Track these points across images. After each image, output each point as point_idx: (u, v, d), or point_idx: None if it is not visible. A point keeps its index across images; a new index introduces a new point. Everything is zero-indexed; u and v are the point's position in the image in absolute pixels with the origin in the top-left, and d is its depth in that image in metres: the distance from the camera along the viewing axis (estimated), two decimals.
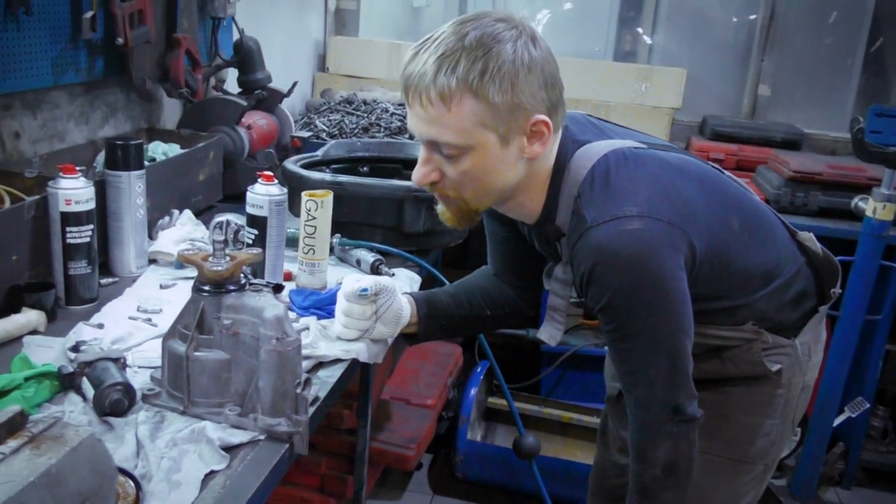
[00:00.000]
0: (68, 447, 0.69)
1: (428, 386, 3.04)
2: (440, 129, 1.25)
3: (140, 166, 1.77)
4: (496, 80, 1.21)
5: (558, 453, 3.09)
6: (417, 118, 1.27)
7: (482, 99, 1.22)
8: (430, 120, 1.25)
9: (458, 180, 1.31)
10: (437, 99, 1.22)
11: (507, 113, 1.24)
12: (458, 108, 1.22)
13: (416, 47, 1.27)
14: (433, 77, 1.21)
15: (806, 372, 1.56)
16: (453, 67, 1.20)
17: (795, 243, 1.55)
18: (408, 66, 1.26)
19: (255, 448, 1.19)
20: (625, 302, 1.27)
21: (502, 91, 1.21)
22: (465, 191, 1.32)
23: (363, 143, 2.49)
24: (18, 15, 1.79)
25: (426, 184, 1.34)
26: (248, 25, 2.73)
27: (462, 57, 1.21)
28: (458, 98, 1.22)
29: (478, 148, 1.26)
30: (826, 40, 3.99)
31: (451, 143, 1.26)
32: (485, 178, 1.30)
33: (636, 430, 1.39)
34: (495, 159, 1.28)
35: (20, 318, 1.46)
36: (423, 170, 1.32)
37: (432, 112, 1.24)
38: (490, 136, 1.25)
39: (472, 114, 1.23)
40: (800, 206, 3.08)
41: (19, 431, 0.70)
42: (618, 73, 3.71)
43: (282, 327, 1.17)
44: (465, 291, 1.70)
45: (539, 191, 1.36)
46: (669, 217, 1.26)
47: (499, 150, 1.27)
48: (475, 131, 1.24)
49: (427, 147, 1.30)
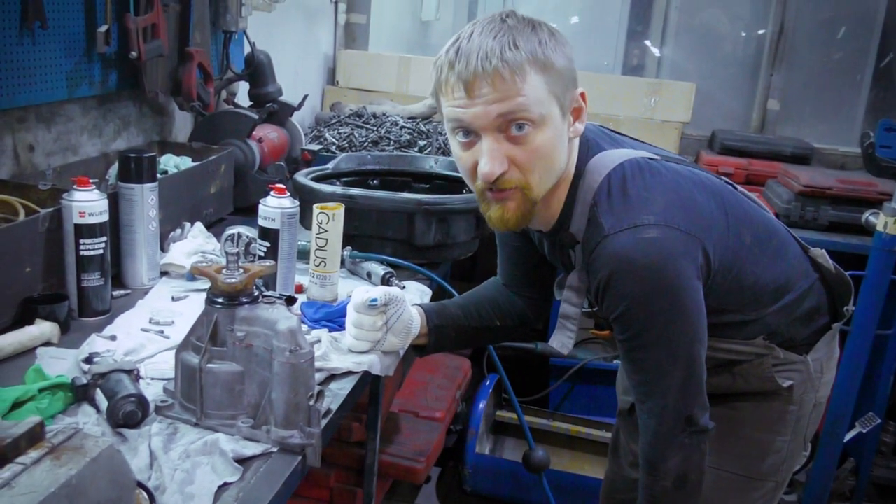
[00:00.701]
0: (88, 458, 0.70)
1: (437, 399, 3.03)
2: (518, 102, 1.23)
3: (153, 179, 1.77)
4: (555, 48, 1.25)
5: (567, 467, 3.08)
6: (485, 102, 1.23)
7: (549, 66, 1.24)
8: (502, 98, 1.23)
9: (528, 161, 1.27)
10: (510, 75, 1.22)
11: (567, 80, 1.28)
12: (531, 78, 1.23)
13: (453, 47, 1.26)
14: (500, 55, 1.21)
15: (818, 389, 1.55)
16: (514, 43, 1.22)
17: (808, 259, 1.55)
18: (457, 62, 1.24)
19: (268, 460, 1.19)
20: (641, 310, 1.27)
21: (563, 56, 1.26)
22: (533, 174, 1.29)
23: (373, 157, 2.51)
24: (34, 29, 1.81)
25: (499, 174, 1.27)
26: (260, 39, 2.75)
27: (517, 34, 1.23)
28: (526, 71, 1.22)
29: (548, 120, 1.26)
30: (835, 55, 3.99)
31: (528, 116, 1.24)
32: (553, 155, 1.30)
33: (648, 440, 1.39)
34: (559, 133, 1.29)
35: (34, 329, 1.47)
36: (495, 160, 1.26)
37: (506, 89, 1.22)
38: (555, 106, 1.27)
39: (544, 82, 1.24)
40: (810, 221, 3.08)
41: (39, 442, 0.71)
42: (626, 87, 3.72)
43: (295, 339, 1.18)
44: (474, 302, 1.70)
45: (562, 191, 1.37)
46: (686, 226, 1.26)
47: (560, 123, 1.29)
48: (547, 100, 1.25)
49: (493, 134, 1.26)
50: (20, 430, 0.71)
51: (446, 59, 1.26)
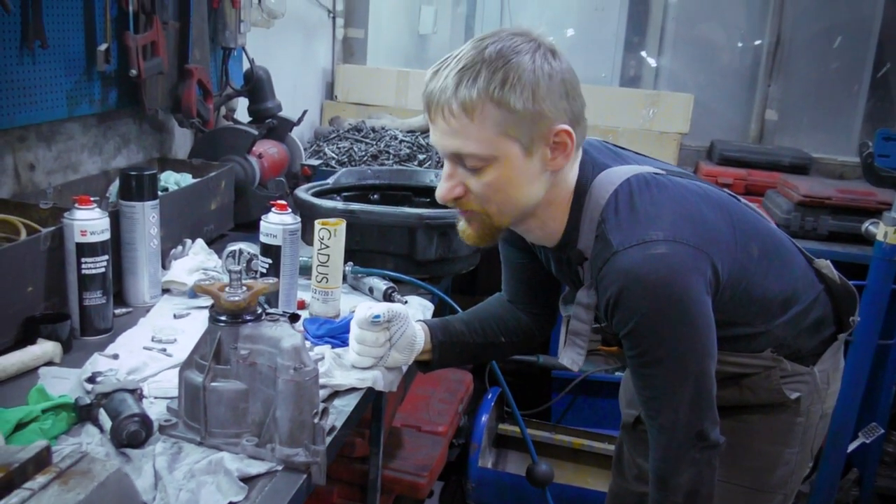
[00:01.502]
0: (96, 482, 0.69)
1: (439, 413, 3.02)
2: (464, 141, 1.26)
3: (154, 196, 1.77)
4: (517, 88, 1.22)
5: (570, 480, 3.07)
6: (441, 133, 1.28)
7: (504, 107, 1.22)
8: (454, 132, 1.26)
9: (482, 194, 1.30)
10: (459, 111, 1.23)
11: (530, 121, 1.24)
12: (480, 117, 1.23)
13: (436, 66, 1.28)
14: (454, 90, 1.23)
15: (825, 400, 1.55)
16: (474, 79, 1.22)
17: (813, 271, 1.55)
18: (429, 84, 1.28)
19: (273, 479, 1.18)
20: (651, 326, 1.27)
21: (523, 99, 1.22)
22: (490, 205, 1.32)
23: (373, 171, 2.50)
24: (34, 48, 1.81)
25: (450, 199, 1.33)
26: (258, 55, 2.76)
27: (482, 69, 1.22)
28: (480, 108, 1.23)
29: (502, 158, 1.26)
30: (832, 65, 4.01)
31: (476, 154, 1.26)
32: (509, 191, 1.30)
33: (659, 456, 1.38)
34: (519, 170, 1.28)
35: (36, 349, 1.46)
36: (447, 185, 1.32)
37: (455, 124, 1.25)
38: (513, 146, 1.26)
39: (495, 123, 1.24)
40: (809, 231, 3.09)
41: (47, 467, 0.70)
42: (625, 98, 3.73)
43: (299, 357, 1.17)
44: (479, 318, 1.70)
45: (561, 212, 1.37)
46: (695, 241, 1.26)
47: (522, 160, 1.27)
48: (499, 141, 1.25)
49: (450, 161, 1.31)
50: (27, 454, 0.70)
51: (427, 76, 1.29)
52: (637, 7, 4.17)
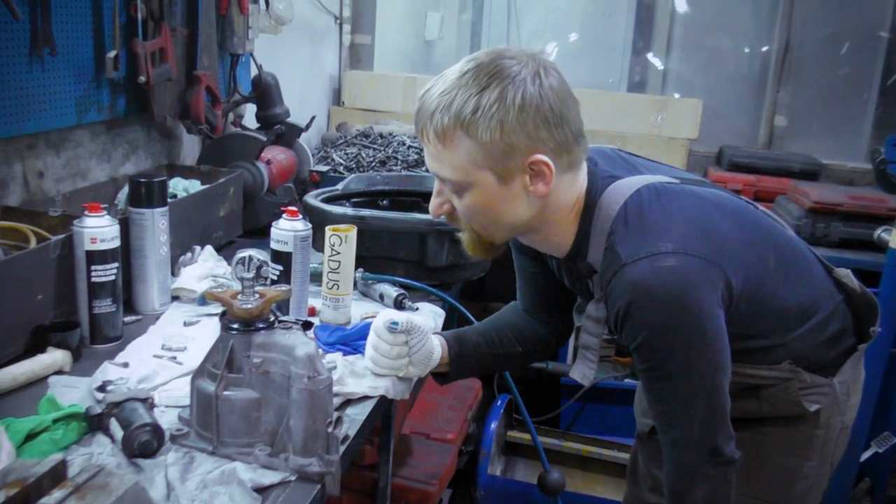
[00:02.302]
0: (114, 497, 0.68)
1: (448, 420, 3.00)
2: (440, 166, 1.28)
3: (163, 203, 1.76)
4: (485, 119, 1.21)
5: (579, 488, 3.04)
6: (426, 153, 1.31)
7: (473, 138, 1.22)
8: (432, 155, 1.29)
9: (464, 214, 1.33)
10: (433, 136, 1.25)
11: (499, 153, 1.23)
12: (451, 145, 1.24)
13: (428, 84, 1.28)
14: (431, 115, 1.24)
15: (845, 412, 1.52)
16: (448, 105, 1.22)
17: (832, 280, 1.51)
18: (417, 102, 1.29)
19: (287, 489, 1.16)
20: (661, 340, 1.25)
21: (490, 130, 1.21)
22: (475, 223, 1.34)
23: (383, 177, 2.49)
24: (43, 55, 1.81)
25: (439, 215, 1.37)
26: (266, 61, 2.75)
27: (457, 95, 1.22)
28: (451, 136, 1.23)
29: (476, 185, 1.27)
30: (841, 71, 3.99)
31: (450, 180, 1.28)
32: (490, 214, 1.31)
33: (672, 471, 1.36)
34: (497, 197, 1.28)
35: (46, 358, 1.45)
36: (436, 201, 1.36)
37: (432, 149, 1.28)
38: (486, 174, 1.26)
39: (466, 152, 1.24)
40: (820, 238, 3.06)
41: (63, 481, 0.69)
42: (633, 103, 3.72)
43: (313, 366, 1.16)
44: (495, 329, 1.68)
45: (568, 225, 1.35)
46: (706, 253, 1.24)
47: (498, 188, 1.27)
48: (470, 169, 1.26)
49: (438, 180, 1.33)
50: (42, 468, 0.69)
51: (421, 93, 1.29)
52: (644, 12, 4.16)
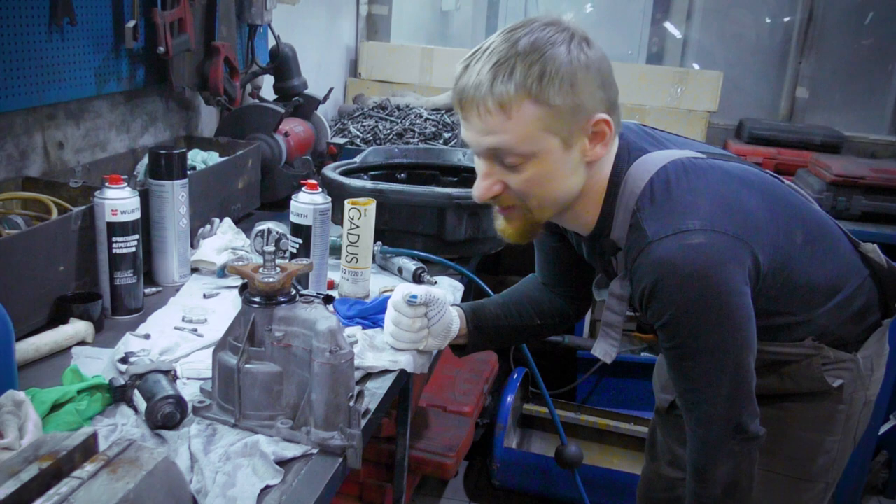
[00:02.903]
0: (145, 471, 0.68)
1: (464, 393, 3.01)
2: (502, 138, 1.21)
3: (183, 175, 1.76)
4: (555, 82, 1.18)
5: (595, 461, 3.06)
6: (475, 130, 1.24)
7: (543, 103, 1.18)
8: (490, 130, 1.21)
9: (522, 190, 1.27)
10: (496, 108, 1.19)
11: (569, 115, 1.20)
12: (518, 114, 1.19)
13: (466, 60, 1.24)
14: (490, 86, 1.18)
15: (868, 387, 1.51)
16: (510, 74, 1.17)
17: (859, 255, 1.49)
18: (460, 79, 1.23)
19: (309, 462, 1.17)
20: (688, 318, 1.24)
21: (563, 93, 1.18)
22: (530, 200, 1.28)
23: (401, 150, 2.48)
24: (63, 25, 1.80)
25: (489, 198, 1.30)
26: (283, 32, 2.73)
27: (517, 63, 1.18)
28: (517, 105, 1.18)
29: (541, 154, 1.23)
30: (864, 41, 3.92)
31: (515, 152, 1.22)
32: (549, 185, 1.27)
33: (696, 448, 1.35)
34: (559, 164, 1.24)
35: (68, 329, 1.46)
36: (485, 183, 1.28)
37: (492, 122, 1.20)
38: (553, 140, 1.22)
39: (535, 119, 1.19)
40: (842, 211, 3.03)
41: (94, 455, 0.69)
42: (652, 76, 3.67)
43: (335, 340, 1.16)
44: (514, 301, 1.67)
45: (595, 202, 1.33)
46: (733, 230, 1.22)
47: (561, 154, 1.24)
48: (538, 137, 1.21)
49: (487, 159, 1.27)
50: (74, 442, 0.69)
51: (457, 70, 1.25)
52: None
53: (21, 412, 1.06)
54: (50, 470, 0.67)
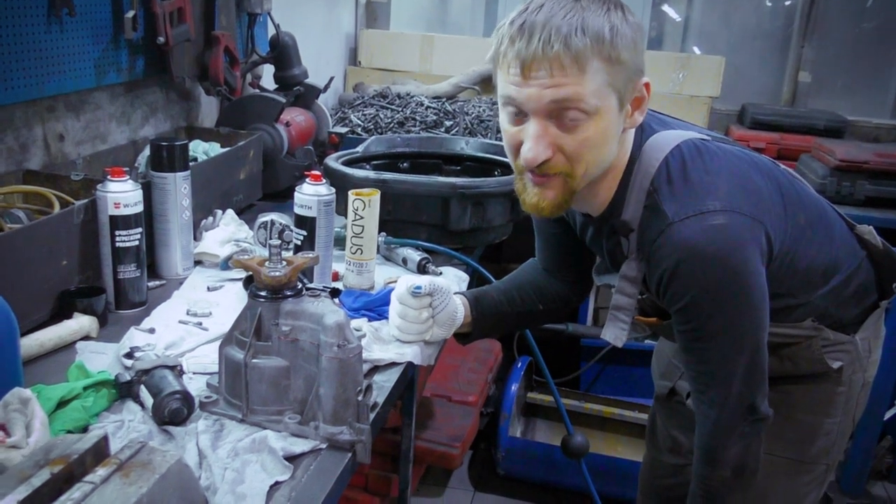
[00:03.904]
0: (157, 474, 0.67)
1: (469, 382, 3.01)
2: (573, 91, 1.16)
3: (185, 167, 1.75)
4: (625, 39, 1.16)
5: (599, 448, 3.05)
6: (542, 86, 1.17)
7: (614, 60, 1.16)
8: (558, 84, 1.16)
9: (576, 151, 1.22)
10: (570, 62, 1.15)
11: (631, 74, 1.19)
12: (591, 69, 1.16)
13: (517, 18, 1.19)
14: (564, 40, 1.14)
15: (867, 368, 1.52)
16: (583, 28, 1.14)
17: (855, 237, 1.51)
18: (519, 40, 1.17)
19: (318, 457, 1.16)
20: (709, 300, 1.23)
21: (629, 50, 1.17)
22: (579, 164, 1.23)
23: (403, 139, 2.46)
24: (62, 16, 1.78)
25: (542, 160, 1.23)
26: (283, 21, 2.71)
27: (589, 15, 1.15)
28: (590, 59, 1.15)
29: (602, 112, 1.19)
30: (867, 24, 3.90)
31: (583, 107, 1.18)
32: (602, 147, 1.23)
33: (708, 430, 1.35)
34: (612, 125, 1.22)
35: (72, 323, 1.45)
36: (540, 146, 1.21)
37: (563, 78, 1.16)
38: (613, 99, 1.20)
39: (606, 73, 1.16)
40: (846, 196, 3.01)
41: (106, 458, 0.68)
42: (653, 61, 3.60)
43: (343, 334, 1.15)
44: (516, 287, 1.67)
45: (614, 179, 1.31)
46: (750, 211, 1.23)
47: (616, 115, 1.22)
48: (605, 93, 1.18)
49: (542, 119, 1.20)
50: (85, 445, 0.68)
51: (508, 32, 1.19)
52: None
53: (27, 410, 1.05)
54: (62, 474, 0.65)
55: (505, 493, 3.09)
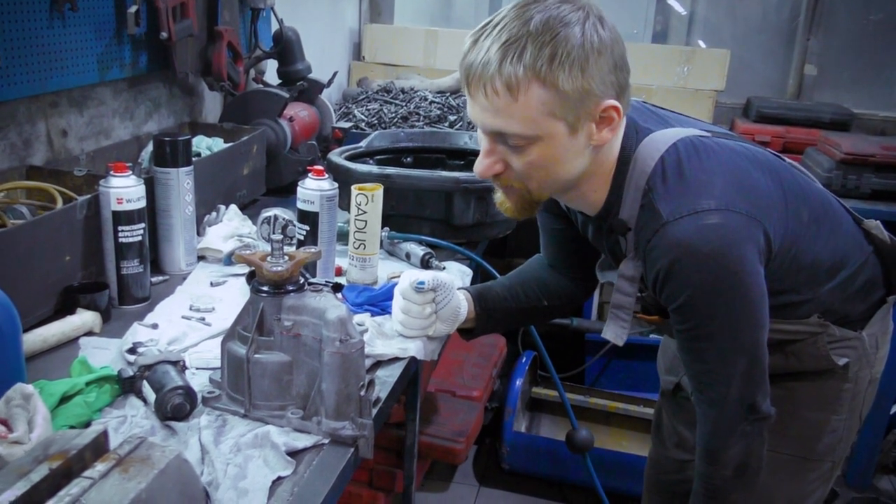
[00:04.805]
0: (157, 470, 0.67)
1: (473, 377, 3.00)
2: (506, 120, 1.18)
3: (188, 162, 1.75)
4: (565, 66, 1.14)
5: (604, 443, 3.05)
6: (481, 108, 1.20)
7: (550, 87, 1.15)
8: (496, 110, 1.18)
9: (523, 171, 1.25)
10: (503, 89, 1.15)
11: (577, 100, 1.17)
12: (525, 97, 1.15)
13: (475, 34, 1.20)
14: (498, 65, 1.14)
15: (873, 365, 1.51)
16: (519, 55, 1.13)
17: (861, 232, 1.49)
18: (468, 54, 1.19)
19: (320, 453, 1.16)
20: (705, 300, 1.22)
21: (572, 77, 1.14)
22: (531, 181, 1.27)
23: (406, 134, 2.46)
24: (64, 11, 1.78)
25: (489, 176, 1.28)
26: (286, 15, 2.70)
27: (528, 43, 1.13)
28: (525, 87, 1.15)
29: (546, 138, 1.20)
30: (873, 17, 3.87)
31: (519, 134, 1.19)
32: (551, 168, 1.24)
33: (708, 430, 1.35)
34: (563, 148, 1.22)
35: (75, 319, 1.45)
36: (487, 161, 1.26)
37: (498, 102, 1.17)
38: (558, 125, 1.19)
39: (541, 103, 1.16)
40: (852, 189, 3.00)
41: (105, 453, 0.68)
42: (658, 55, 3.64)
43: (345, 329, 1.14)
44: (520, 283, 1.66)
45: (603, 181, 1.31)
46: (747, 209, 1.21)
47: (567, 138, 1.21)
48: (543, 121, 1.18)
49: (491, 138, 1.24)
50: (84, 440, 0.68)
51: (465, 44, 1.21)
52: None
53: (30, 405, 1.05)
54: (60, 470, 0.65)
55: (509, 488, 3.09)
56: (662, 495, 1.85)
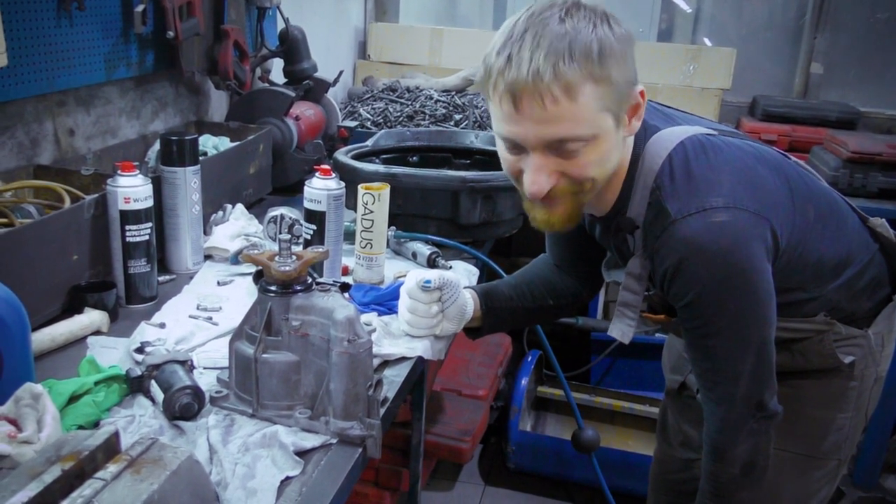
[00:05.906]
0: (169, 471, 0.67)
1: (479, 376, 3.00)
2: (567, 125, 1.15)
3: (195, 161, 1.75)
4: (613, 58, 1.13)
5: (610, 442, 3.05)
6: (536, 121, 1.15)
7: (603, 81, 1.14)
8: (555, 118, 1.14)
9: (580, 174, 1.21)
10: (561, 93, 1.12)
11: (624, 91, 1.18)
12: (584, 97, 1.13)
13: (503, 49, 1.15)
14: (553, 71, 1.11)
15: (879, 363, 1.51)
16: (570, 56, 1.11)
17: (867, 230, 1.49)
18: (507, 71, 1.14)
19: (328, 453, 1.16)
20: (712, 297, 1.22)
21: (618, 68, 1.14)
22: (586, 183, 1.23)
23: (412, 133, 2.46)
24: (71, 10, 1.78)
25: (545, 192, 1.22)
26: (291, 14, 2.71)
27: (572, 43, 1.11)
28: (581, 86, 1.12)
29: (601, 135, 1.18)
30: (880, 15, 3.86)
31: (579, 137, 1.16)
32: (605, 164, 1.22)
33: (716, 429, 1.35)
34: (612, 143, 1.21)
35: (83, 318, 1.45)
36: (542, 177, 1.20)
37: (556, 109, 1.13)
38: (609, 119, 1.18)
39: (596, 99, 1.14)
40: (858, 188, 2.99)
41: (117, 454, 0.68)
42: (664, 53, 3.63)
43: (353, 329, 1.14)
44: (526, 282, 1.66)
45: (618, 180, 1.31)
46: (755, 207, 1.21)
47: (614, 132, 1.20)
48: (599, 118, 1.16)
49: (541, 152, 1.19)
50: (96, 441, 0.68)
51: (496, 62, 1.15)
52: None
53: (39, 405, 1.05)
54: (73, 471, 0.65)
55: (515, 487, 3.09)
56: (668, 494, 1.85)
